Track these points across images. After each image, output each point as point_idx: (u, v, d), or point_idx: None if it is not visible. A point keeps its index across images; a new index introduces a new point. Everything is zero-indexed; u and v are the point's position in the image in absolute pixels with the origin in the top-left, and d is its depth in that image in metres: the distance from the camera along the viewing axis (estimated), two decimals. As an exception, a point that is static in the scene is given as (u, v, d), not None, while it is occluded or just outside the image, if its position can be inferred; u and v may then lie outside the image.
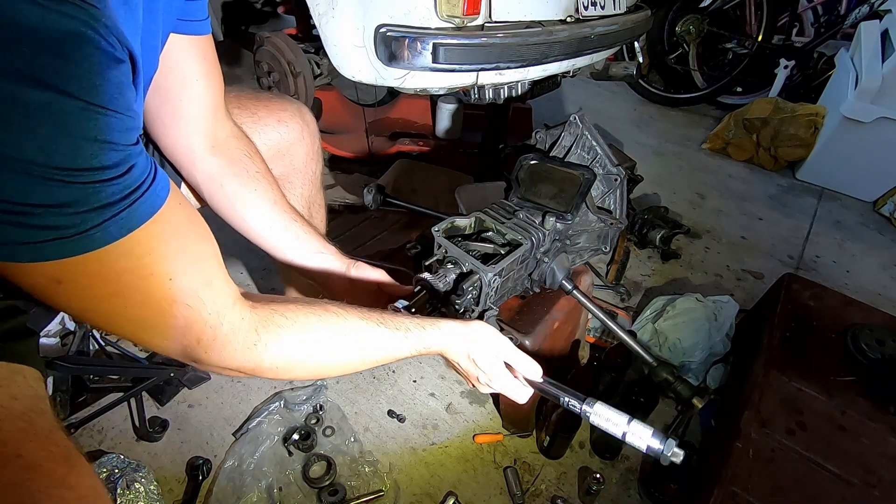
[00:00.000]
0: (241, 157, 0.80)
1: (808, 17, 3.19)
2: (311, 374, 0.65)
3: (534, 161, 1.14)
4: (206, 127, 0.76)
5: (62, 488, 0.45)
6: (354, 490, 1.07)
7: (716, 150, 2.83)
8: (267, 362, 0.57)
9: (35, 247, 0.39)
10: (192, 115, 0.73)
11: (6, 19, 0.33)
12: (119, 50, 0.39)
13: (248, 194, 0.80)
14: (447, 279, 0.93)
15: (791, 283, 1.34)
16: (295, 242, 0.84)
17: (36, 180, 0.37)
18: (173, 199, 0.48)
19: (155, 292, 0.47)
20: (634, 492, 1.14)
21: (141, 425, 1.12)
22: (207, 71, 0.73)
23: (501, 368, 0.75)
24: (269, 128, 0.90)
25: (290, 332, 0.59)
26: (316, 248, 0.86)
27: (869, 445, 0.97)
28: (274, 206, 0.82)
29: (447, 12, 1.14)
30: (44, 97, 0.35)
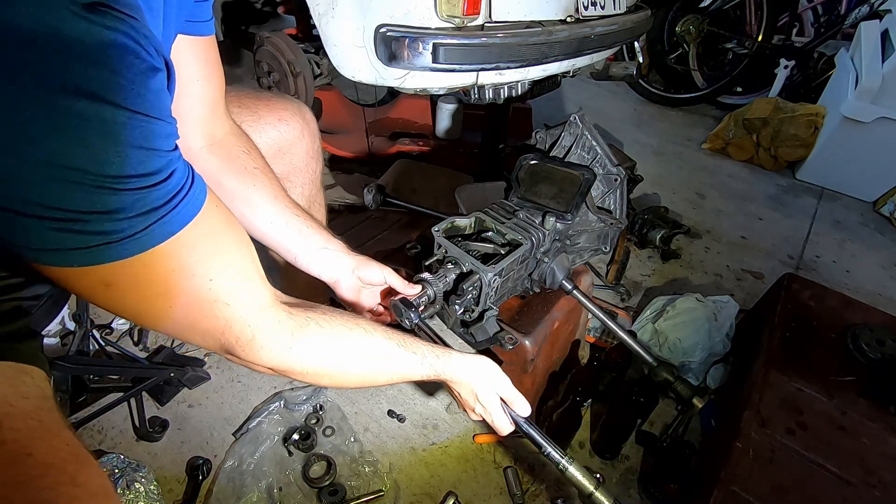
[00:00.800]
0: (238, 154, 0.80)
1: (808, 17, 3.19)
2: (334, 382, 0.68)
3: (534, 161, 1.14)
4: (205, 126, 0.76)
5: (72, 486, 0.45)
6: (354, 490, 1.07)
7: (716, 150, 2.82)
8: (298, 365, 0.60)
9: (86, 252, 0.40)
10: (190, 115, 0.73)
11: (53, 32, 0.34)
12: (156, 58, 0.40)
13: (246, 191, 0.80)
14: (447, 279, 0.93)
15: (791, 283, 1.34)
16: (297, 237, 0.84)
17: (87, 188, 0.38)
18: (211, 202, 0.49)
19: (197, 292, 0.49)
20: (634, 492, 1.14)
21: (141, 425, 1.12)
22: (208, 72, 0.73)
23: (498, 403, 0.81)
24: (270, 126, 0.90)
25: (324, 340, 0.61)
26: (320, 243, 0.85)
27: (869, 445, 0.97)
28: (274, 202, 0.82)
29: (447, 12, 1.14)
30: (92, 108, 0.36)
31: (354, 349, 0.65)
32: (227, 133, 0.80)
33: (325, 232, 0.87)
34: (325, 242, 0.85)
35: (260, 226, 0.83)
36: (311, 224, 0.85)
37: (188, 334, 0.53)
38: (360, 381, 0.69)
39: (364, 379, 0.69)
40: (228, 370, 1.30)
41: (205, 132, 0.76)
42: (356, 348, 0.65)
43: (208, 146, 0.77)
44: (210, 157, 0.77)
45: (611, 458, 1.20)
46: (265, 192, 0.81)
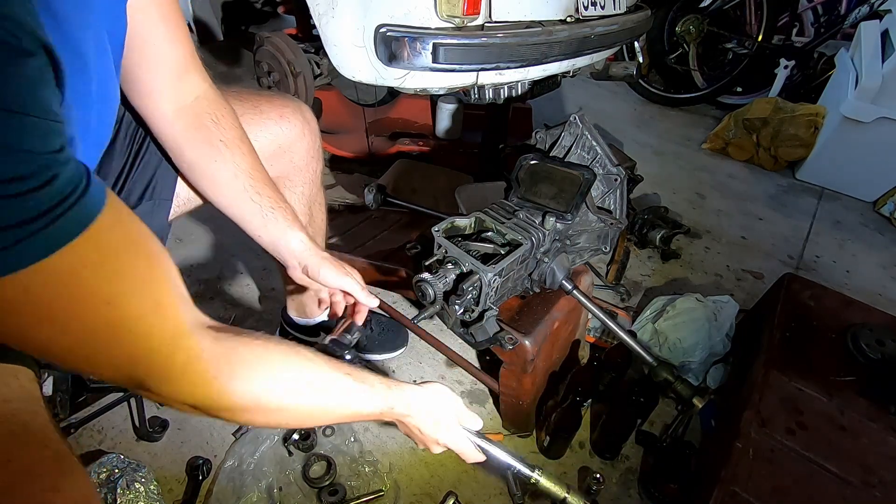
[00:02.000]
0: (206, 123, 0.75)
1: (808, 17, 3.18)
2: (270, 421, 0.58)
3: (534, 161, 1.14)
4: (171, 91, 0.73)
5: (52, 492, 0.44)
6: (354, 490, 1.07)
7: (716, 150, 2.82)
8: (225, 401, 0.51)
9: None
10: (154, 80, 0.70)
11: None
12: (26, 41, 0.34)
13: (207, 165, 0.76)
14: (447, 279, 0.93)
15: (791, 283, 1.34)
16: (259, 220, 0.80)
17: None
18: (111, 213, 0.41)
19: (93, 318, 0.41)
20: (634, 492, 1.14)
21: (141, 425, 1.12)
22: (169, 33, 0.69)
23: (462, 432, 0.77)
24: (272, 122, 0.90)
25: (256, 371, 0.53)
26: (280, 230, 0.81)
27: (869, 445, 0.97)
28: (235, 181, 0.77)
29: (447, 12, 1.14)
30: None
31: (296, 380, 0.57)
32: (199, 97, 0.76)
33: (290, 218, 0.82)
34: (285, 230, 0.81)
35: (221, 202, 0.80)
36: (274, 206, 0.80)
37: (91, 367, 0.45)
38: (303, 419, 0.62)
39: (307, 415, 0.60)
40: (228, 370, 1.30)
41: (172, 96, 0.73)
42: (298, 379, 0.57)
43: (176, 110, 0.73)
44: (176, 123, 0.74)
45: (611, 458, 1.20)
46: (227, 169, 0.77)
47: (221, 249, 1.68)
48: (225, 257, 1.65)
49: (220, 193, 0.79)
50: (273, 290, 1.54)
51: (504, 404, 1.18)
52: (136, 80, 0.70)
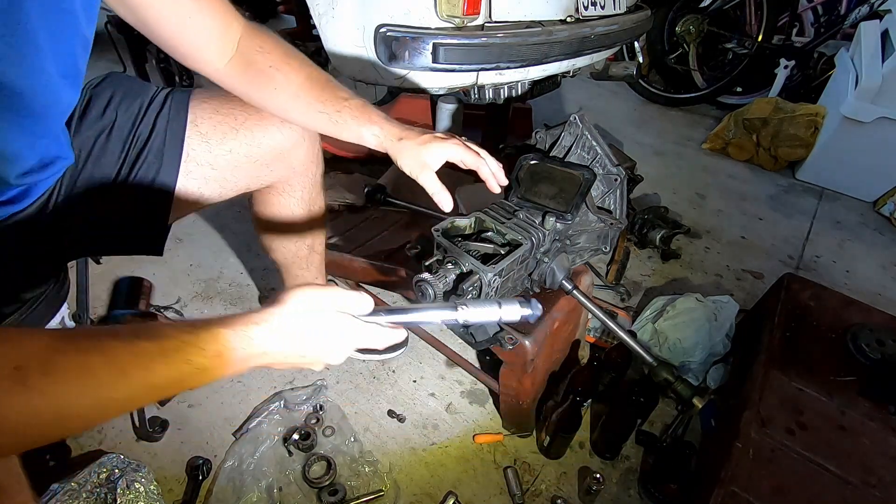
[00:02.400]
0: (254, 59, 0.78)
1: (808, 17, 3.18)
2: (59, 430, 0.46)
3: (534, 161, 1.14)
4: (217, 51, 0.76)
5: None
6: (354, 490, 1.07)
7: (716, 150, 2.82)
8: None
9: None
10: (197, 48, 0.74)
11: None
12: None
13: (270, 97, 0.80)
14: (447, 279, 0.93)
15: (791, 283, 1.34)
16: (332, 127, 0.83)
17: None
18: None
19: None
20: (634, 492, 1.14)
21: (141, 425, 1.12)
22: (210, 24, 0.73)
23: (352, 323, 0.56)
24: (273, 127, 0.90)
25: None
26: (353, 129, 0.82)
27: (869, 445, 0.97)
28: (297, 98, 0.80)
29: (447, 12, 1.14)
30: None
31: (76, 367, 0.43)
32: (240, 38, 0.78)
33: (357, 116, 0.82)
34: (357, 129, 0.83)
35: (296, 121, 0.85)
36: (339, 108, 0.81)
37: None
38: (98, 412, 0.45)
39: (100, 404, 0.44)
40: (228, 370, 1.30)
41: (219, 53, 0.76)
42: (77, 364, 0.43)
43: (227, 63, 0.78)
44: (230, 72, 0.78)
45: (611, 458, 1.20)
46: (287, 91, 0.80)
47: (221, 249, 1.68)
48: (225, 257, 1.65)
49: (290, 116, 0.84)
50: (273, 290, 1.54)
51: (504, 404, 1.18)
52: (179, 49, 0.74)
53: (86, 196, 0.75)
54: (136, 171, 0.79)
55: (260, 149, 0.89)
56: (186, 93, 0.86)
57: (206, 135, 0.84)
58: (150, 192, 0.80)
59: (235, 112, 0.86)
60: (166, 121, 0.81)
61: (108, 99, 0.79)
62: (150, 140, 0.80)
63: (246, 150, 0.88)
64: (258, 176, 0.93)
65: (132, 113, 0.80)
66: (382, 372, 1.35)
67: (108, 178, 0.78)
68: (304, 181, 1.01)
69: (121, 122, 0.79)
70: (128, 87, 0.81)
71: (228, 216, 1.77)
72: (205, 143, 0.84)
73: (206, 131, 0.84)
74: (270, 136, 0.90)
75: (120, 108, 0.79)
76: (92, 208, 0.77)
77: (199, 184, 0.85)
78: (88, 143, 0.77)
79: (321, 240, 1.15)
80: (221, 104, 0.86)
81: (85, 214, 0.76)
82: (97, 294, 1.46)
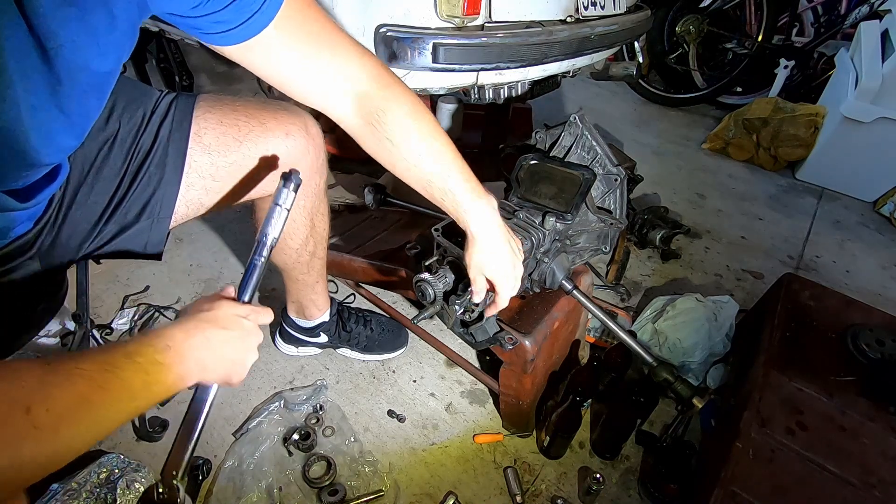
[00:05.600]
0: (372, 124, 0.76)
1: (808, 17, 3.18)
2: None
3: (534, 161, 1.14)
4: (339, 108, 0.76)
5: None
6: (354, 490, 1.07)
7: (716, 150, 2.82)
8: None
9: None
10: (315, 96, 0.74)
11: None
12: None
13: (385, 159, 0.80)
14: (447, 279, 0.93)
15: (791, 283, 1.34)
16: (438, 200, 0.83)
17: None
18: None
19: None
20: (634, 492, 1.14)
21: (141, 425, 1.12)
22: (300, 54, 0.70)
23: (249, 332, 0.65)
24: (278, 140, 0.88)
25: None
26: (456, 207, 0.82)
27: (869, 445, 0.97)
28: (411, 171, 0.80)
29: (447, 12, 1.14)
30: None
31: None
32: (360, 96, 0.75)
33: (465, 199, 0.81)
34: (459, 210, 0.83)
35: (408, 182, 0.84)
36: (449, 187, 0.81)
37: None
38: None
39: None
40: (228, 370, 1.30)
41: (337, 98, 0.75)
42: None
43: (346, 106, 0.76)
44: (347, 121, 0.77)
45: (611, 458, 1.20)
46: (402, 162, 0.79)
47: (221, 249, 1.68)
48: (225, 257, 1.65)
49: (403, 178, 0.83)
50: (273, 290, 1.54)
51: (504, 404, 1.18)
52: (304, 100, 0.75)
53: (86, 208, 0.75)
54: (137, 183, 0.79)
55: (264, 160, 0.88)
56: (191, 100, 0.84)
57: (210, 146, 0.83)
58: (151, 203, 0.80)
59: (240, 122, 0.85)
60: (169, 130, 0.80)
61: (111, 108, 0.77)
62: (152, 151, 0.79)
63: (249, 163, 0.87)
64: (260, 186, 0.92)
65: (135, 123, 0.79)
66: (382, 372, 1.35)
67: (110, 189, 0.77)
68: (308, 190, 1.01)
69: (123, 134, 0.78)
70: (130, 93, 0.80)
71: (228, 216, 1.77)
72: (207, 155, 0.83)
73: (210, 143, 0.83)
74: (274, 147, 0.88)
75: (123, 117, 0.78)
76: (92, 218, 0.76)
77: (200, 194, 0.85)
78: (91, 156, 0.76)
79: (323, 245, 1.15)
80: (226, 114, 0.85)
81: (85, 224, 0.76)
82: (97, 294, 1.46)
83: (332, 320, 1.30)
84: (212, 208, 0.88)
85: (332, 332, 1.30)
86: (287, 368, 1.33)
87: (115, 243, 0.80)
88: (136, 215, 0.79)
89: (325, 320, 1.29)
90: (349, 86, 0.74)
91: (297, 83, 0.72)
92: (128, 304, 1.45)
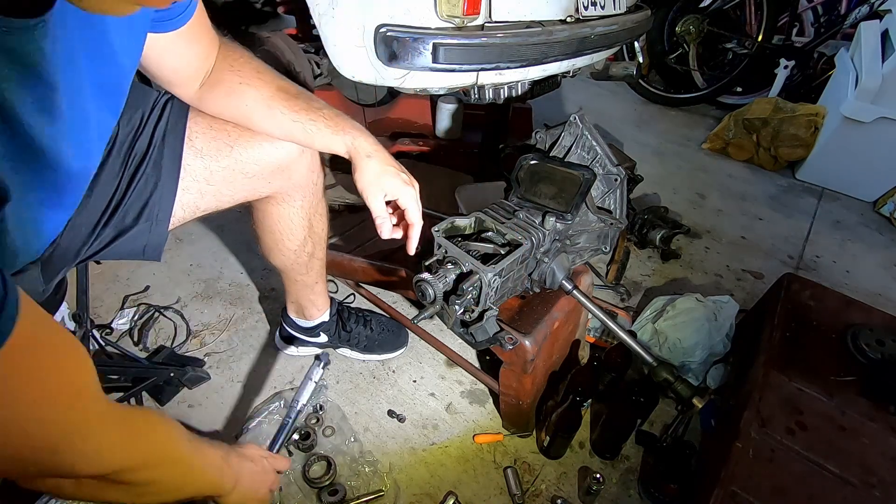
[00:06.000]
0: (224, 76, 0.82)
1: (808, 17, 3.19)
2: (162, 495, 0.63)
3: (534, 161, 1.14)
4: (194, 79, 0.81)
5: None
6: (354, 490, 1.07)
7: (716, 150, 2.83)
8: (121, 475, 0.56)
9: None
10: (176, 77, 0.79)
11: None
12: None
13: (242, 110, 0.83)
14: (447, 279, 0.93)
15: (791, 283, 1.34)
16: (304, 138, 0.85)
17: None
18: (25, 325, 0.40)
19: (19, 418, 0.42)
20: (634, 492, 1.14)
21: (141, 425, 1.11)
22: (190, 51, 0.77)
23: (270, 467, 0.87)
24: (268, 143, 0.89)
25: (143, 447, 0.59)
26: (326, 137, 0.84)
27: (869, 445, 0.97)
28: (270, 110, 0.82)
29: (447, 12, 1.14)
30: None
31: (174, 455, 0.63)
32: (216, 60, 0.82)
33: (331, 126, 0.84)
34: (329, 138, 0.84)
35: (272, 133, 0.86)
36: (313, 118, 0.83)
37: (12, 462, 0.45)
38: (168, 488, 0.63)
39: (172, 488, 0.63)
40: (228, 370, 1.30)
41: (197, 80, 0.81)
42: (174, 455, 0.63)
43: (201, 87, 0.81)
44: (204, 95, 0.82)
45: (611, 458, 1.20)
46: (259, 105, 0.82)
47: (221, 249, 1.68)
48: (225, 257, 1.65)
49: (265, 127, 0.85)
50: (273, 291, 1.55)
51: (504, 404, 1.18)
52: (158, 75, 0.79)
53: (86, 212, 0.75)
54: (135, 185, 0.79)
55: (257, 165, 0.88)
56: None
57: (202, 151, 0.84)
58: (149, 206, 0.80)
59: (228, 128, 0.86)
60: (164, 132, 0.81)
61: None
62: (148, 153, 0.79)
63: (241, 167, 0.87)
64: (256, 189, 0.92)
65: (133, 126, 0.79)
66: (382, 372, 1.35)
67: (108, 192, 0.77)
68: (305, 191, 1.01)
69: (122, 137, 0.78)
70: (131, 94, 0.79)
71: (228, 216, 1.77)
72: (200, 160, 0.84)
73: (202, 147, 0.84)
74: (265, 151, 0.88)
75: (122, 119, 0.78)
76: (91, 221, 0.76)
77: (196, 198, 0.85)
78: None
79: (322, 246, 1.15)
80: (215, 119, 0.86)
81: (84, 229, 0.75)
82: (97, 294, 1.46)
83: (331, 320, 1.30)
84: (208, 210, 0.89)
85: (331, 332, 1.31)
86: (287, 368, 1.33)
87: (114, 246, 0.80)
88: (135, 218, 0.79)
89: (325, 320, 1.29)
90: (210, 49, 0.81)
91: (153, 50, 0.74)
92: (128, 304, 1.45)
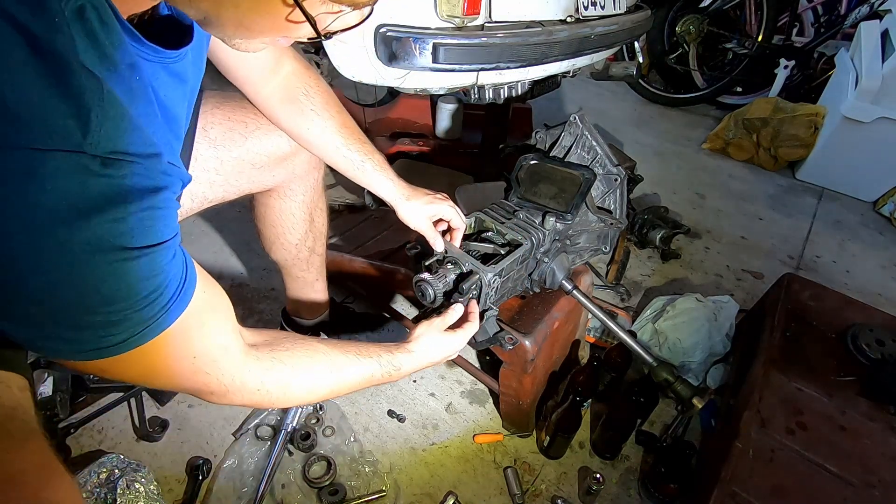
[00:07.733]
0: (298, 97, 0.86)
1: (808, 17, 3.18)
2: (302, 402, 0.75)
3: (534, 161, 1.14)
4: (266, 80, 0.84)
5: (34, 500, 0.46)
6: (354, 490, 1.07)
7: (716, 150, 2.82)
8: (266, 400, 0.67)
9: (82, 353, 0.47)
10: (249, 74, 0.82)
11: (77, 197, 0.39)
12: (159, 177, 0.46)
13: (302, 131, 0.89)
14: (447, 279, 0.93)
15: (791, 283, 1.34)
16: (352, 170, 0.93)
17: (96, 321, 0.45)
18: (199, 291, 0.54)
19: (180, 370, 0.56)
20: (634, 492, 1.14)
21: (141, 425, 1.12)
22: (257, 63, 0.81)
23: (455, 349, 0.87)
24: (275, 134, 0.90)
25: (288, 373, 0.67)
26: (371, 176, 0.94)
27: (869, 445, 0.97)
28: (329, 141, 0.90)
29: (447, 12, 1.14)
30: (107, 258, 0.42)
31: (317, 372, 0.71)
32: (289, 74, 0.86)
33: (378, 167, 0.93)
34: (375, 177, 0.94)
35: (321, 156, 0.95)
36: (364, 158, 0.92)
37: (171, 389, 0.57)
38: (326, 396, 0.75)
39: (327, 394, 0.74)
40: (228, 370, 1.30)
41: (267, 82, 0.84)
42: (318, 370, 0.71)
43: (271, 91, 0.85)
44: (270, 100, 0.86)
45: (611, 458, 1.20)
46: (320, 133, 0.89)
47: (221, 249, 1.68)
48: (225, 257, 1.65)
49: (317, 151, 0.93)
50: (273, 290, 1.54)
51: (504, 404, 1.18)
52: (232, 74, 0.82)
53: None
54: None
55: (266, 156, 0.90)
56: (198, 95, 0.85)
57: (216, 141, 0.85)
58: None
59: (247, 119, 0.88)
60: None
61: None
62: None
63: (251, 158, 0.89)
64: (260, 180, 0.94)
65: None
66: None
67: None
68: (306, 185, 1.02)
69: None
70: None
71: (228, 216, 1.77)
72: (213, 150, 0.85)
73: (216, 137, 0.85)
74: (275, 142, 0.91)
75: None
76: None
77: (204, 188, 0.86)
78: None
79: (322, 241, 1.15)
80: (234, 110, 0.87)
81: None
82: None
83: (331, 320, 1.30)
84: (213, 201, 0.90)
85: (331, 332, 1.31)
86: (287, 368, 1.33)
87: None
88: None
89: (325, 320, 1.29)
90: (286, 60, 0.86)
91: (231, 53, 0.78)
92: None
